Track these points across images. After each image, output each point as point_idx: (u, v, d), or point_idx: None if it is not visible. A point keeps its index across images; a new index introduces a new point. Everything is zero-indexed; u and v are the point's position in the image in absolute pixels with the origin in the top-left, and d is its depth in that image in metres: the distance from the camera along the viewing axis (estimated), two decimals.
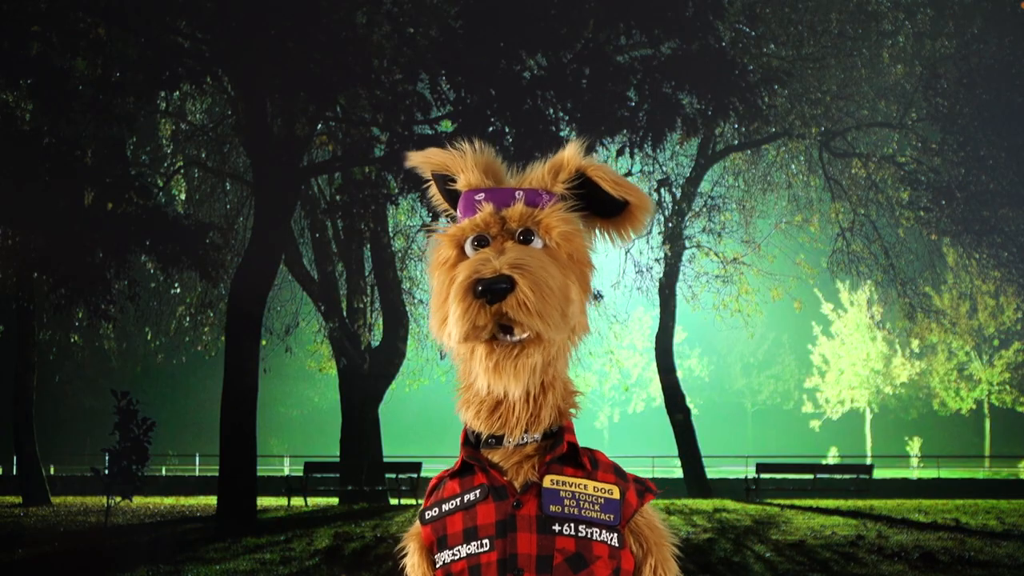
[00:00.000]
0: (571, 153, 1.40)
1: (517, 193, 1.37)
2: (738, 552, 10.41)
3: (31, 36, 11.74)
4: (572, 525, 1.34)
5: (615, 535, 1.36)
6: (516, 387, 1.30)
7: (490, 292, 1.24)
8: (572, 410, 1.41)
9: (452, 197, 1.47)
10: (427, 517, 1.43)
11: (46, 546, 11.43)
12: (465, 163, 1.43)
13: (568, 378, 1.41)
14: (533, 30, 11.71)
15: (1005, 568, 9.14)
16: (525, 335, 1.29)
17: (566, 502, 1.35)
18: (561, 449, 1.37)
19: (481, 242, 1.36)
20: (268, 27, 11.43)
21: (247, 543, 11.09)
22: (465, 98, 12.12)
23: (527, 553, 1.32)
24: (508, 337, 1.29)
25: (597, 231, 1.44)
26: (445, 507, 1.40)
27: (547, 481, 1.35)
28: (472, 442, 1.41)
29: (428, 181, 1.51)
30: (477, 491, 1.37)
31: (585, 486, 1.37)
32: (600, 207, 1.41)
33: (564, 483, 1.36)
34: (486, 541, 1.33)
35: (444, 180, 1.48)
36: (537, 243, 1.35)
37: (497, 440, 1.38)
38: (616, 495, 1.39)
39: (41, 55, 11.81)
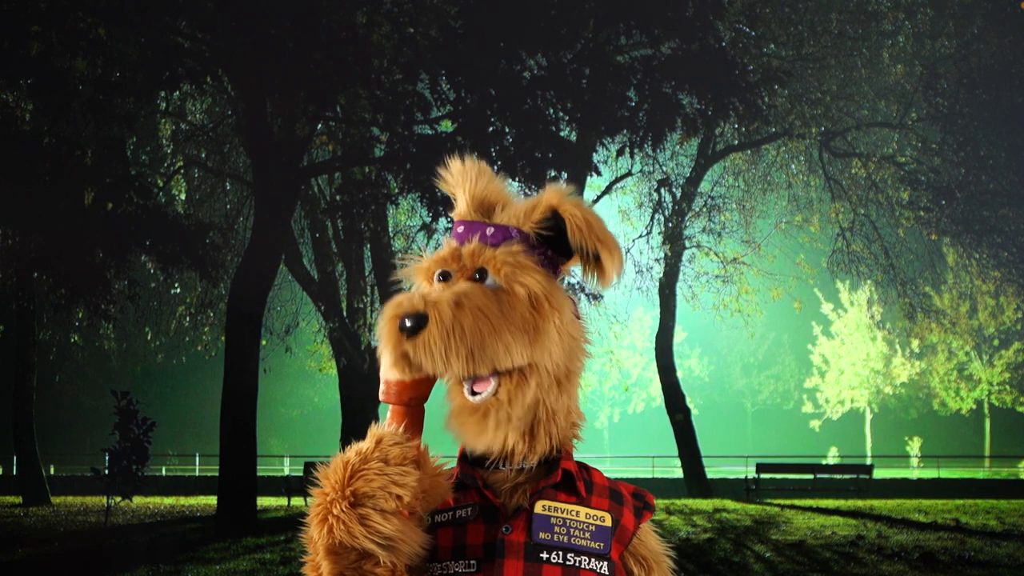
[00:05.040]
0: (549, 193, 1.38)
1: (488, 230, 1.37)
2: (738, 552, 10.42)
3: (31, 36, 11.74)
4: (560, 553, 1.32)
5: (604, 563, 1.35)
6: (479, 444, 1.31)
7: (405, 329, 1.26)
8: (572, 439, 1.40)
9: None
10: None
11: (46, 546, 11.44)
12: (464, 188, 1.43)
13: (572, 407, 1.39)
14: (533, 30, 11.70)
15: (1005, 568, 9.14)
16: (483, 394, 1.29)
17: (556, 529, 1.33)
18: (555, 477, 1.36)
19: (445, 277, 1.37)
20: (268, 27, 11.42)
21: (247, 543, 11.10)
22: (465, 98, 12.12)
23: None
24: (472, 398, 1.30)
25: (590, 273, 1.40)
26: (437, 518, 1.38)
27: (538, 507, 1.34)
28: (469, 459, 1.40)
29: (431, 181, 1.50)
30: (469, 508, 1.36)
31: (577, 513, 1.36)
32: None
33: (555, 509, 1.35)
34: (473, 562, 1.32)
35: None
36: (490, 281, 1.33)
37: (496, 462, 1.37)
38: (608, 522, 1.38)
39: (41, 55, 11.80)
